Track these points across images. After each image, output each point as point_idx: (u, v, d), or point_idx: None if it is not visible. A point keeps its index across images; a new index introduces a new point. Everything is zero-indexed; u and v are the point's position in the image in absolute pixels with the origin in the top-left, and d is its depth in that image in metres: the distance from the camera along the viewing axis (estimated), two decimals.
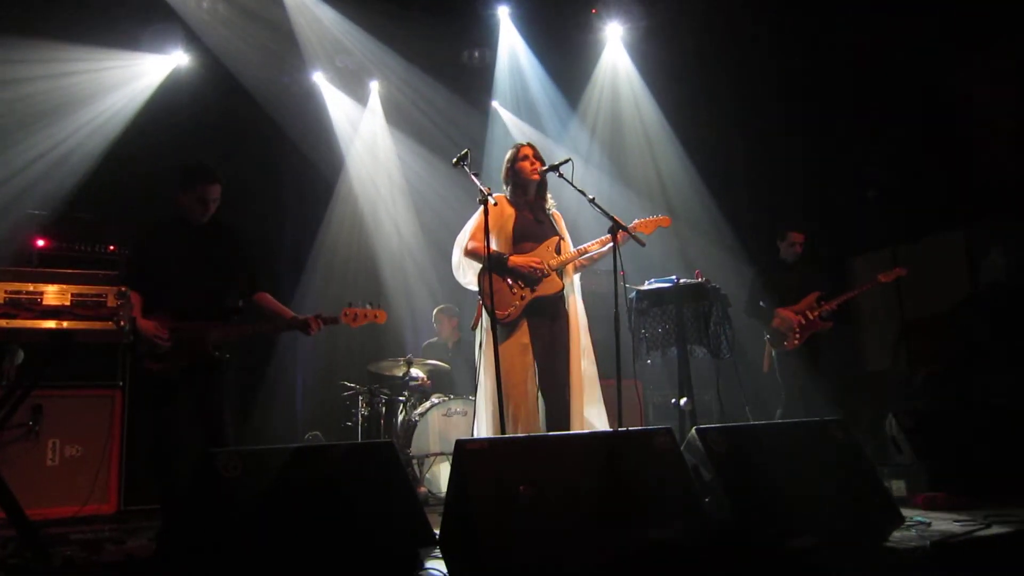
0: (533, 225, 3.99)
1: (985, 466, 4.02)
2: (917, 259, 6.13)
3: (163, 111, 6.20)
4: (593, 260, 4.02)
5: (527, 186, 4.02)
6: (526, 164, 3.99)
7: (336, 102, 7.33)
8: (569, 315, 3.95)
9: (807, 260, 5.63)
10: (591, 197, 3.68)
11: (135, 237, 3.91)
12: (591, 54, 7.54)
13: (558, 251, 3.96)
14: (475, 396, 4.00)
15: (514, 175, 4.02)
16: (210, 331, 3.64)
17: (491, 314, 3.70)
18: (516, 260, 3.87)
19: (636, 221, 3.90)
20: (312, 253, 7.03)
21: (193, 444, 3.66)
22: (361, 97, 7.43)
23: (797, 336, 5.34)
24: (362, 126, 7.46)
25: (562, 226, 4.11)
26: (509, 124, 7.65)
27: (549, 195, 4.13)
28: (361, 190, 7.39)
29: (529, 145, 4.06)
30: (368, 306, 3.98)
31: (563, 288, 3.93)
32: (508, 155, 4.08)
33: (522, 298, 3.85)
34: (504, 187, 4.10)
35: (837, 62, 6.57)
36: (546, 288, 3.88)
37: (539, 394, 3.83)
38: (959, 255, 6.36)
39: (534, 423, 3.75)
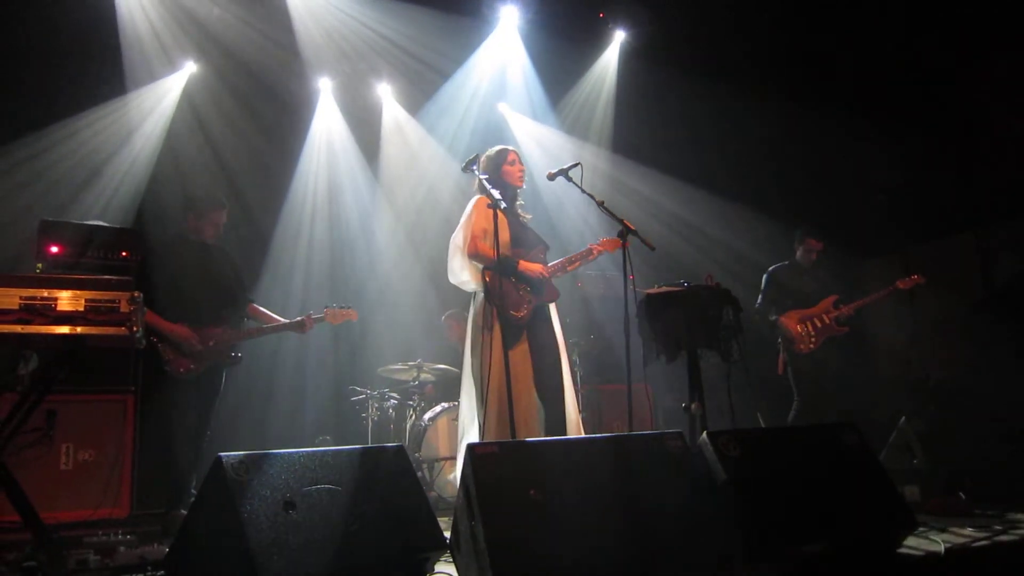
0: (522, 230, 4.05)
1: (1000, 472, 3.99)
2: (929, 262, 6.09)
3: (172, 121, 6.25)
4: (567, 271, 4.13)
5: (508, 191, 4.03)
6: (513, 169, 4.04)
7: (345, 107, 7.34)
8: (554, 321, 4.03)
9: (822, 264, 5.60)
10: (600, 200, 3.69)
11: (147, 254, 4.33)
12: (590, 58, 7.55)
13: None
14: (479, 400, 3.99)
15: (500, 177, 4.02)
16: (227, 335, 4.29)
17: (509, 318, 3.74)
18: (526, 265, 3.90)
19: (604, 239, 4.04)
20: (319, 258, 7.04)
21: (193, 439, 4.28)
22: (365, 100, 7.43)
23: (813, 340, 5.31)
24: (364, 127, 7.46)
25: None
26: (514, 126, 7.65)
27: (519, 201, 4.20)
28: (367, 195, 7.40)
29: (514, 151, 4.13)
30: (341, 307, 4.76)
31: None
32: (492, 159, 4.07)
33: (529, 302, 3.89)
34: None
35: (846, 64, 6.54)
36: (547, 295, 3.97)
37: (536, 398, 3.86)
38: (971, 258, 6.31)
39: (534, 427, 3.78)
